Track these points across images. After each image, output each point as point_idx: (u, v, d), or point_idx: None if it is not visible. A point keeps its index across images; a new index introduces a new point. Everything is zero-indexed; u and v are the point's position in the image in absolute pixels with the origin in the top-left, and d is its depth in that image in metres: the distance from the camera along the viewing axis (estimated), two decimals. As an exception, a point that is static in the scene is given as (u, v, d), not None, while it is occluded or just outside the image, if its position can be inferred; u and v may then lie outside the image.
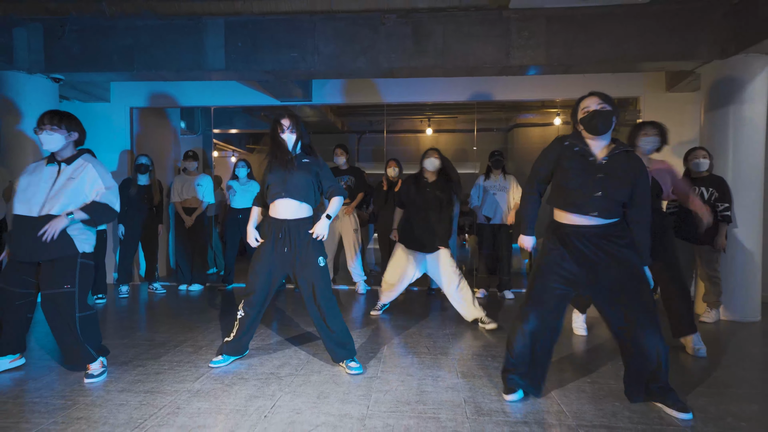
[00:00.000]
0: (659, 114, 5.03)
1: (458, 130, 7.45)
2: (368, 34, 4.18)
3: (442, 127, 7.48)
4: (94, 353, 2.48)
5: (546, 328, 2.16)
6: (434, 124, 7.31)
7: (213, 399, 2.21)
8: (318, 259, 2.58)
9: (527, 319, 2.16)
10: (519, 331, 2.18)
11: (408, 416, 2.03)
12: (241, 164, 5.13)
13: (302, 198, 2.55)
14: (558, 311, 2.17)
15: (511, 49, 4.07)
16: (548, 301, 2.14)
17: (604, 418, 2.01)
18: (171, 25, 4.27)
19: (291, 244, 2.55)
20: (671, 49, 3.96)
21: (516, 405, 2.14)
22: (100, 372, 2.49)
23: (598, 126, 2.07)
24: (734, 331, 3.52)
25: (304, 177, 2.56)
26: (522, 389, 2.21)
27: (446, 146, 7.28)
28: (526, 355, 2.18)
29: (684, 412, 2.02)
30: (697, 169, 3.78)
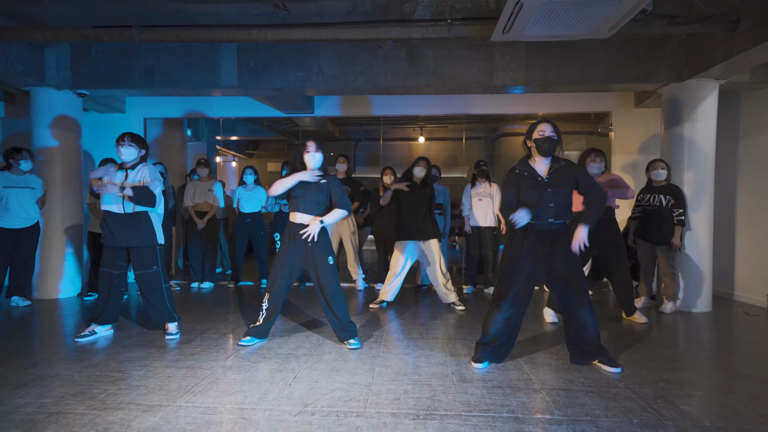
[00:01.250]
0: (628, 127, 5.60)
1: (448, 138, 7.96)
2: (367, 57, 4.68)
3: (434, 135, 7.99)
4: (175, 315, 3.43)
5: (516, 314, 2.73)
6: (426, 132, 7.82)
7: (244, 372, 2.68)
8: (327, 258, 3.12)
9: (501, 308, 2.71)
10: (494, 317, 2.73)
11: (405, 383, 2.51)
12: (249, 171, 5.58)
13: (314, 213, 3.13)
14: (525, 299, 2.73)
15: (495, 71, 4.59)
16: (516, 291, 2.69)
17: (563, 383, 2.51)
18: (189, 48, 4.73)
19: (305, 245, 3.06)
20: (633, 73, 4.49)
21: (492, 374, 2.63)
22: (176, 332, 3.41)
23: (546, 149, 2.66)
24: (688, 320, 4.05)
25: (318, 195, 3.13)
26: (488, 360, 2.77)
27: (437, 153, 7.80)
28: (498, 336, 2.74)
29: (614, 366, 2.67)
30: (656, 179, 4.32)
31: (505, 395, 2.34)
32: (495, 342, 2.75)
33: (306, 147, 3.14)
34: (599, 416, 2.10)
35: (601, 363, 2.72)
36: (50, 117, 4.84)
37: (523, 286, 2.71)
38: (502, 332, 2.74)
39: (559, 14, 3.13)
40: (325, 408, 2.20)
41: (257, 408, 2.20)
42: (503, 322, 2.72)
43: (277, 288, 3.14)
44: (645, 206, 4.41)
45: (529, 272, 2.70)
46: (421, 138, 7.79)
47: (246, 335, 3.23)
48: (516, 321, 2.77)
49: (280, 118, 7.42)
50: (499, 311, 2.72)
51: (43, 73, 4.70)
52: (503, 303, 2.71)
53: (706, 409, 2.21)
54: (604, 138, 6.80)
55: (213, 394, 2.36)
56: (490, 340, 2.75)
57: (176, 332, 3.42)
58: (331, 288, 3.13)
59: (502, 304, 2.71)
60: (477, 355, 2.79)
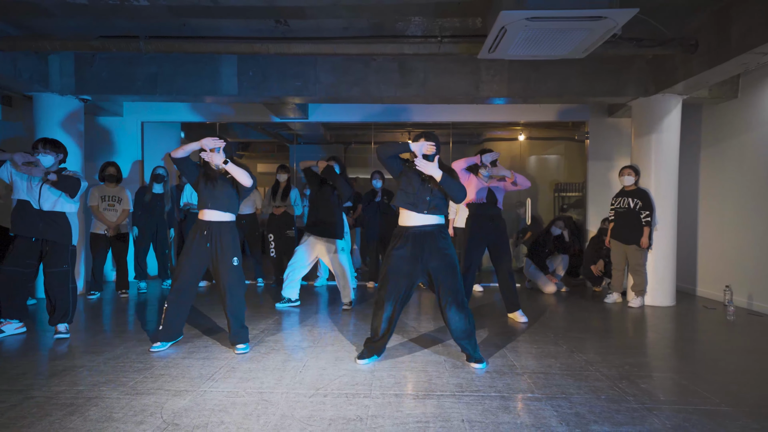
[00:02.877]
0: (602, 135, 6.02)
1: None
2: (361, 69, 4.97)
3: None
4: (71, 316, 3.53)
5: (397, 312, 2.94)
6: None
7: (257, 362, 2.95)
8: (232, 259, 3.18)
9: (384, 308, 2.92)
10: (379, 316, 2.92)
11: (404, 370, 2.82)
12: None
13: (224, 209, 3.20)
14: (405, 298, 2.96)
15: (480, 83, 4.93)
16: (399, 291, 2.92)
17: (542, 368, 2.86)
18: (191, 56, 4.95)
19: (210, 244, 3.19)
20: (606, 88, 4.89)
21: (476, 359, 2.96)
22: (67, 333, 3.48)
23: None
24: (653, 313, 4.46)
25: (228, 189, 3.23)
26: (375, 354, 2.98)
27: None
28: (382, 333, 2.93)
29: (478, 363, 2.85)
30: (626, 184, 4.73)
31: (492, 378, 2.67)
32: (380, 337, 2.94)
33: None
34: (572, 394, 2.45)
35: (468, 361, 2.91)
36: (53, 122, 5.00)
37: (402, 286, 2.91)
38: (385, 330, 2.93)
39: (538, 39, 3.48)
40: (335, 391, 2.49)
41: (275, 391, 2.48)
42: (387, 321, 2.91)
43: (178, 286, 3.15)
44: (617, 209, 4.82)
45: (407, 273, 2.89)
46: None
47: (155, 341, 3.20)
48: (396, 318, 2.95)
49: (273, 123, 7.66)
50: (384, 310, 2.91)
51: (48, 80, 4.86)
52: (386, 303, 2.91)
53: (662, 387, 2.58)
54: (580, 144, 7.24)
55: (232, 380, 2.64)
56: (378, 337, 2.94)
57: (67, 333, 3.46)
58: (231, 290, 3.15)
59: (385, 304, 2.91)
60: (364, 352, 2.97)
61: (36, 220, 3.38)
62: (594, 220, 6.03)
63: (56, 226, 3.42)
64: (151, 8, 3.84)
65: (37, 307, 4.52)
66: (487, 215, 4.06)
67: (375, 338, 2.97)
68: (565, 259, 5.67)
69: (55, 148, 3.47)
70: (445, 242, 2.92)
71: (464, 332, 2.86)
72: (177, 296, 3.19)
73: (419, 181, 2.92)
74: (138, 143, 6.26)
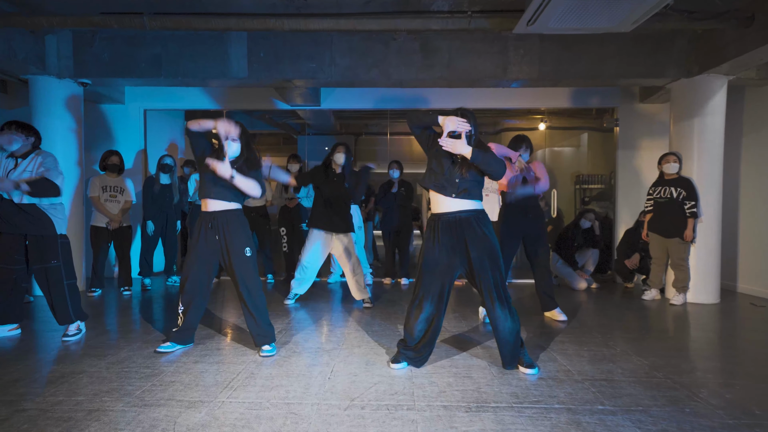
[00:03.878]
0: (633, 122, 5.67)
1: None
2: (380, 49, 4.62)
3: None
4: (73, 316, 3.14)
5: (438, 312, 2.59)
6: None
7: (278, 367, 2.62)
8: (244, 249, 2.82)
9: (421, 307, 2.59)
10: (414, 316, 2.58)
11: (446, 376, 2.49)
12: None
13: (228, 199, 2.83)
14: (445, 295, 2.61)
15: (509, 64, 4.59)
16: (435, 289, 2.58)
17: (602, 374, 2.53)
18: (197, 36, 4.61)
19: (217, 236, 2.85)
20: (643, 69, 4.54)
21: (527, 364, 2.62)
22: (75, 332, 3.17)
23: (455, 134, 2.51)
24: (699, 311, 4.13)
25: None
26: (407, 361, 2.62)
27: (439, 148, 7.78)
28: (419, 336, 2.59)
29: (530, 367, 2.52)
30: (669, 171, 4.39)
31: (550, 387, 2.34)
32: (418, 342, 2.60)
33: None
34: (650, 406, 2.11)
35: (520, 365, 2.58)
36: (50, 107, 4.66)
37: (439, 281, 2.58)
38: (425, 332, 2.60)
39: (585, 7, 3.14)
40: (373, 402, 2.17)
41: (303, 402, 2.15)
42: (426, 322, 2.58)
43: (189, 288, 2.84)
44: (656, 199, 4.48)
45: (443, 266, 2.57)
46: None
47: (165, 341, 2.92)
48: (440, 319, 2.62)
49: (281, 111, 7.32)
50: (419, 310, 2.59)
51: (44, 61, 4.52)
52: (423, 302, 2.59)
53: (751, 397, 2.24)
54: (604, 133, 6.90)
55: (253, 389, 2.31)
56: (413, 341, 2.61)
57: (75, 333, 3.16)
58: (247, 284, 2.81)
59: (422, 303, 2.59)
60: (396, 356, 2.66)
61: (12, 213, 3.02)
62: (624, 212, 5.69)
63: (32, 218, 3.03)
64: (156, -22, 3.51)
65: (34, 305, 4.19)
66: (521, 205, 3.71)
67: (411, 342, 2.63)
68: (595, 254, 5.33)
69: (26, 131, 3.12)
70: (485, 230, 2.56)
71: (511, 332, 2.52)
72: (191, 298, 2.85)
73: (449, 160, 2.57)
74: (141, 132, 5.91)
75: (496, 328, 2.54)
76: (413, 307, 2.62)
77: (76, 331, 3.18)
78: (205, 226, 2.82)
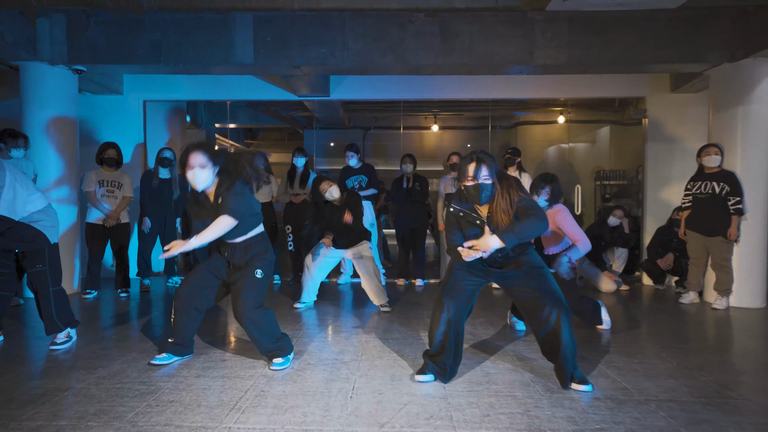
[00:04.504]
0: (663, 113, 5.32)
1: (462, 127, 7.62)
2: (396, 33, 4.29)
3: (447, 123, 7.63)
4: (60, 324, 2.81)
5: (460, 316, 2.28)
6: (440, 121, 7.46)
7: (292, 383, 2.30)
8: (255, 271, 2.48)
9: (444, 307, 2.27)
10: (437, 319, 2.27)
11: (486, 395, 2.16)
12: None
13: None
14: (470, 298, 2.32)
15: (535, 49, 4.24)
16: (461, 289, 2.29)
17: (666, 392, 2.19)
18: (199, 19, 4.28)
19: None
20: (681, 53, 4.19)
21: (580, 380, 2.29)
22: (64, 340, 2.85)
23: (479, 199, 2.20)
24: (748, 317, 3.78)
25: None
26: (433, 374, 2.30)
27: (452, 143, 7.45)
28: (439, 342, 2.27)
29: (583, 383, 2.20)
30: (709, 165, 4.04)
31: (610, 409, 2.00)
32: (442, 349, 2.28)
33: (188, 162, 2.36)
34: (738, 435, 1.79)
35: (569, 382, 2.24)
36: (43, 96, 4.35)
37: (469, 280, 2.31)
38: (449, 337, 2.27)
39: (636, -23, 2.80)
40: (407, 428, 1.84)
41: (325, 428, 1.83)
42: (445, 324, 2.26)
43: (186, 293, 2.49)
44: (696, 195, 4.13)
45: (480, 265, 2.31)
46: (434, 126, 7.43)
47: (161, 351, 2.60)
48: (462, 325, 2.31)
49: (287, 104, 7.00)
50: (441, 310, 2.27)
51: (36, 47, 4.20)
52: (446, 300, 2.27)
53: None
54: (630, 126, 6.53)
55: (264, 411, 1.98)
56: (437, 349, 2.29)
57: (64, 341, 2.84)
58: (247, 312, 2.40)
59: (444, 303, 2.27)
60: (425, 366, 2.35)
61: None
62: (653, 209, 5.34)
63: (12, 234, 2.64)
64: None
65: (23, 309, 3.88)
66: None
67: (432, 349, 2.31)
68: (624, 253, 4.99)
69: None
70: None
71: (571, 346, 2.19)
72: (186, 306, 2.50)
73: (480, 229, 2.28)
74: (140, 124, 5.59)
75: (552, 341, 2.20)
76: (436, 307, 2.31)
77: (65, 339, 2.86)
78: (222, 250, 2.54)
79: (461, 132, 7.65)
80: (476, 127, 7.24)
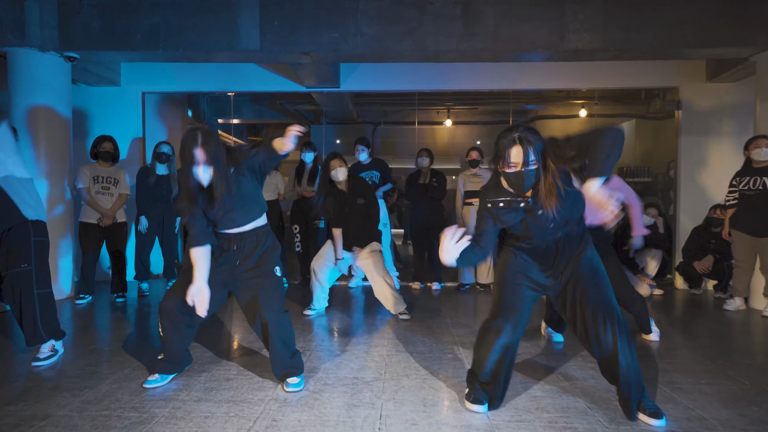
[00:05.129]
0: (699, 105, 4.96)
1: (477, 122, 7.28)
2: (414, 15, 3.95)
3: (460, 119, 7.29)
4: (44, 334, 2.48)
5: (517, 337, 1.95)
6: (453, 115, 7.12)
7: (308, 409, 1.96)
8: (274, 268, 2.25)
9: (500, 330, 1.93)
10: (488, 342, 1.93)
11: (538, 425, 1.82)
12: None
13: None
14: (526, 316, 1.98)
15: (566, 32, 3.90)
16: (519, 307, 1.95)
17: (746, 421, 1.85)
18: (201, 3, 3.97)
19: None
20: (727, 36, 3.85)
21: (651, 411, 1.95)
22: (49, 354, 2.53)
23: (522, 186, 1.82)
24: (801, 325, 3.44)
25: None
26: (486, 402, 1.96)
27: (467, 140, 7.09)
28: (492, 367, 1.95)
29: (656, 417, 1.82)
30: (759, 159, 3.70)
31: (694, 446, 1.67)
32: (491, 376, 1.96)
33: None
34: None
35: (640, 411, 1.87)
36: (32, 85, 4.04)
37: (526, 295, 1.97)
38: (499, 362, 1.94)
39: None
40: (453, 473, 1.50)
41: (352, 475, 1.49)
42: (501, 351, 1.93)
43: (174, 306, 2.13)
44: (743, 191, 3.78)
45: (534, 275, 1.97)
46: (448, 121, 7.08)
47: (153, 372, 2.24)
48: (515, 348, 1.98)
49: (293, 98, 6.67)
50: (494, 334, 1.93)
51: (24, 30, 3.88)
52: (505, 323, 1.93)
53: None
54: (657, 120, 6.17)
55: (277, 448, 1.65)
56: (488, 376, 1.96)
57: (48, 355, 2.51)
58: (271, 308, 2.12)
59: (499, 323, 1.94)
60: (475, 393, 1.98)
61: None
62: (687, 207, 4.98)
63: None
64: None
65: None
66: None
67: (483, 376, 1.96)
68: (658, 255, 4.63)
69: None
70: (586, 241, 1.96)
71: (634, 368, 1.84)
72: (176, 320, 2.14)
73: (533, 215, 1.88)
74: (138, 117, 5.27)
75: (610, 364, 1.85)
76: (489, 329, 1.95)
77: (49, 353, 2.53)
78: (228, 245, 2.18)
79: (475, 127, 7.30)
80: (492, 122, 6.88)
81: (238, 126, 8.00)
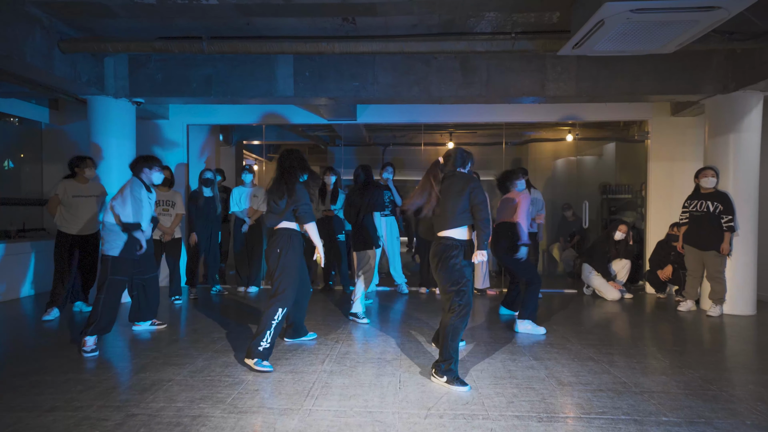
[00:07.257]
0: (664, 135, 5.78)
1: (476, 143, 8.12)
2: (421, 68, 4.81)
3: (462, 140, 8.13)
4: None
5: None
6: (455, 138, 7.96)
7: (347, 377, 2.80)
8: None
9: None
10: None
11: (509, 387, 2.65)
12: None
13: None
14: None
15: (546, 81, 4.74)
16: None
17: (659, 387, 2.67)
18: (246, 57, 4.82)
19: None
20: (680, 85, 4.66)
21: (584, 377, 2.76)
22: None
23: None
24: (738, 323, 4.23)
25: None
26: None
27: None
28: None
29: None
30: (706, 186, 4.50)
31: (611, 398, 2.48)
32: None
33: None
34: (711, 418, 2.25)
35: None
36: (107, 125, 4.92)
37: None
38: None
39: (635, 32, 3.28)
40: (449, 411, 2.33)
41: (384, 411, 2.32)
42: None
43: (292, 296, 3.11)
44: (692, 212, 4.59)
45: None
46: (450, 144, 7.92)
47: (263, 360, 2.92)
48: None
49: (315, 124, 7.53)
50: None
51: (103, 83, 4.77)
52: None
53: (803, 409, 2.37)
54: (634, 144, 6.99)
55: (333, 398, 2.48)
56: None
57: (91, 351, 3.21)
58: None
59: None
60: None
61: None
62: (654, 223, 5.79)
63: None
64: (219, 7, 3.72)
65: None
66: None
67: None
68: (627, 264, 5.44)
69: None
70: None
71: None
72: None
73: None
74: (184, 146, 6.16)
75: None
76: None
77: (93, 347, 3.26)
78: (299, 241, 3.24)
79: (475, 148, 8.14)
80: (490, 143, 7.72)
81: (258, 146, 8.90)
